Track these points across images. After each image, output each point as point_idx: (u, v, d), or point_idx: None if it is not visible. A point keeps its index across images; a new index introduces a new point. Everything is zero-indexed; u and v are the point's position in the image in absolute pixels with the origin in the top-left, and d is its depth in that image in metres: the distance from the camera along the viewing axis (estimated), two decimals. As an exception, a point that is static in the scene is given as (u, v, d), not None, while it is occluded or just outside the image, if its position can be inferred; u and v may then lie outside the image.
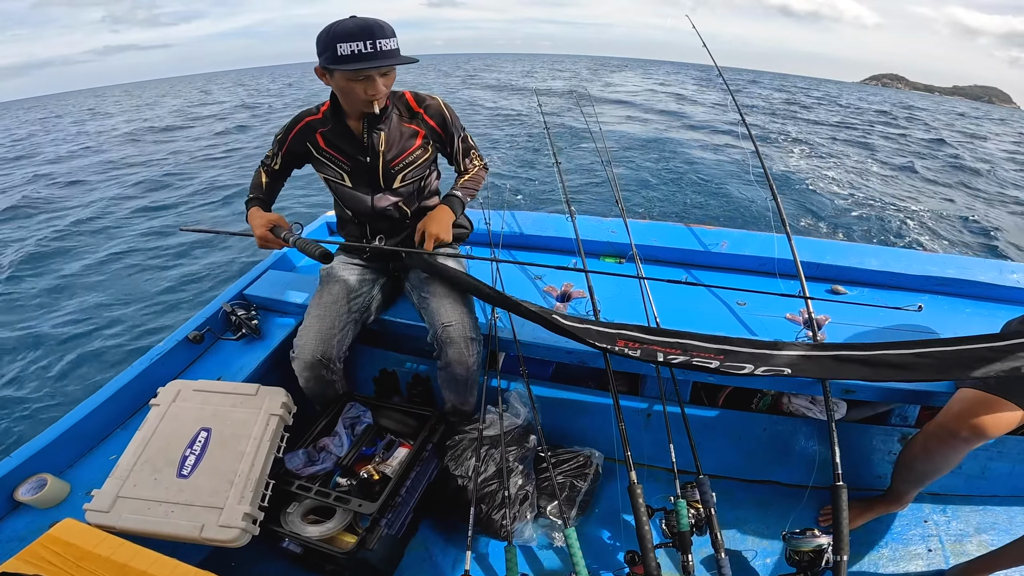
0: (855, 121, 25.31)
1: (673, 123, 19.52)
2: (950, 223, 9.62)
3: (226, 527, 1.30)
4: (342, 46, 1.45)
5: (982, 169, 14.84)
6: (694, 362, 1.41)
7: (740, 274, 2.27)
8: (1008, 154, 18.99)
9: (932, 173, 13.83)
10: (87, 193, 11.05)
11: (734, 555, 1.68)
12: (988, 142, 22.35)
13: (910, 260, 2.22)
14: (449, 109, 1.80)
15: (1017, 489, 1.86)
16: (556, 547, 1.71)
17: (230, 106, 26.62)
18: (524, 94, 28.33)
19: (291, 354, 1.73)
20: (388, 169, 1.75)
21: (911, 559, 1.69)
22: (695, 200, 9.69)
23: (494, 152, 13.55)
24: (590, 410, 1.96)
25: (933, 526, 1.78)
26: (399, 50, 1.53)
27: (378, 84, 1.53)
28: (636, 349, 1.45)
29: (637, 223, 2.47)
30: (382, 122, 1.69)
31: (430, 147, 1.80)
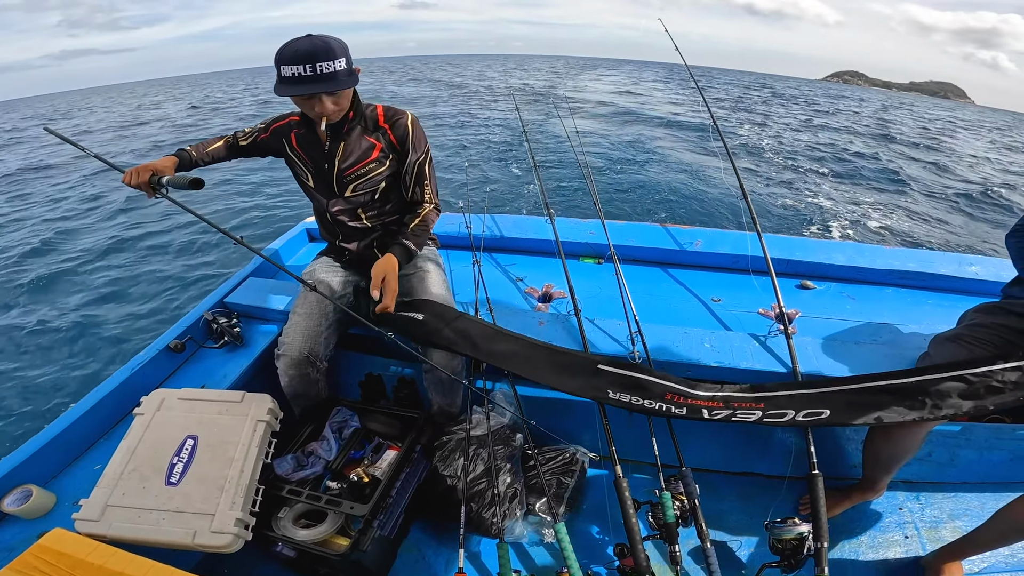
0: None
1: (646, 122, 19.88)
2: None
3: (219, 533, 1.29)
4: (284, 68, 1.50)
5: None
6: (737, 415, 1.42)
7: (714, 271, 2.33)
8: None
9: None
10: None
11: (720, 545, 1.72)
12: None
13: (874, 255, 2.31)
14: (416, 129, 1.79)
15: (986, 475, 1.92)
16: (547, 543, 1.73)
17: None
18: (500, 96, 28.40)
19: (276, 352, 1.74)
20: (342, 178, 1.78)
21: (889, 546, 1.73)
22: (669, 199, 9.91)
23: (468, 151, 13.60)
24: (574, 408, 1.98)
25: (908, 513, 1.83)
26: (346, 70, 1.55)
27: (325, 104, 1.57)
28: (682, 406, 1.48)
29: (615, 224, 2.53)
30: (344, 133, 1.73)
31: (387, 162, 1.79)
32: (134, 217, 9.32)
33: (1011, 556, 1.65)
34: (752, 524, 1.77)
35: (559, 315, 1.96)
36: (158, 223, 8.83)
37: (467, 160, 12.82)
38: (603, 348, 1.79)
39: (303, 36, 1.53)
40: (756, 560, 1.67)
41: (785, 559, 1.47)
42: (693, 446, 1.87)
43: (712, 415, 1.43)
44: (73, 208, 10.36)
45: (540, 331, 1.88)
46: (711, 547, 1.47)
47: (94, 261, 7.40)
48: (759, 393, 1.45)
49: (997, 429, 1.91)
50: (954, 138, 25.46)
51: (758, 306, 2.05)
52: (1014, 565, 1.63)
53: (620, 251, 2.32)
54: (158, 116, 26.99)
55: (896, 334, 1.93)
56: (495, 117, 20.41)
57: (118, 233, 8.49)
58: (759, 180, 12.07)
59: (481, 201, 9.05)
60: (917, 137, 22.89)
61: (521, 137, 2.77)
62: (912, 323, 1.99)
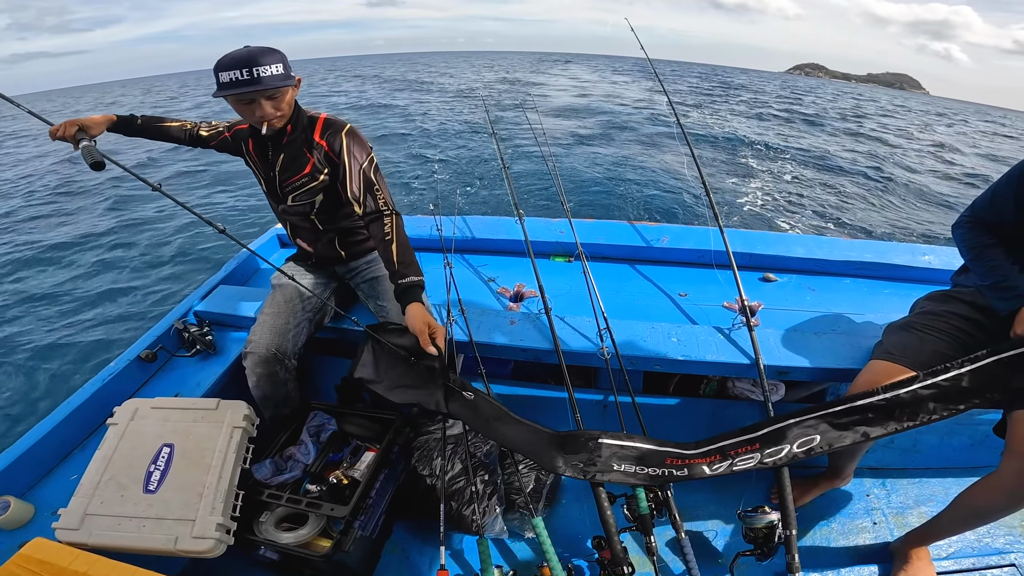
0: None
1: (613, 119, 20.10)
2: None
3: (200, 538, 1.30)
4: (222, 74, 1.55)
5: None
6: (737, 463, 1.43)
7: (681, 267, 2.41)
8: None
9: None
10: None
11: (695, 536, 1.76)
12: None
13: (832, 247, 2.42)
14: (352, 140, 1.76)
15: (948, 460, 1.98)
16: (527, 538, 1.76)
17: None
18: (470, 96, 28.35)
19: (243, 352, 1.75)
20: (282, 187, 1.82)
21: (859, 533, 1.77)
22: (636, 195, 10.08)
23: (438, 153, 13.59)
24: (548, 405, 2.03)
25: (875, 500, 1.88)
26: (283, 75, 1.59)
27: (264, 108, 1.61)
28: (683, 467, 1.47)
29: (584, 222, 2.59)
30: (284, 144, 1.77)
31: (320, 176, 1.79)
32: (88, 226, 9.10)
33: (976, 541, 1.72)
34: (726, 514, 1.81)
35: (530, 314, 2.00)
36: (119, 231, 8.64)
37: (437, 162, 12.81)
38: (573, 345, 1.84)
39: (242, 48, 1.59)
40: (731, 550, 1.72)
41: (758, 547, 1.50)
42: (665, 437, 1.93)
43: (714, 470, 1.44)
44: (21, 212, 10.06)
45: (512, 331, 1.92)
46: (685, 537, 1.51)
47: (52, 272, 7.20)
48: (751, 435, 1.47)
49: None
50: (925, 131, 26.49)
51: (723, 299, 2.13)
52: (980, 550, 1.69)
53: (589, 249, 2.38)
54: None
55: (853, 324, 2.02)
56: (464, 118, 20.37)
57: (77, 242, 8.28)
58: (723, 174, 12.32)
59: (452, 203, 9.10)
60: (877, 128, 23.68)
61: (490, 138, 2.80)
62: (869, 312, 2.08)
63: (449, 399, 1.64)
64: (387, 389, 1.68)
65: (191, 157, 13.63)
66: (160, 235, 8.32)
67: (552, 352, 1.80)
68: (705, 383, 2.22)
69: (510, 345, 1.88)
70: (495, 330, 1.91)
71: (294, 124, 1.75)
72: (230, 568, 1.58)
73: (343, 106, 25.79)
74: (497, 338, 1.89)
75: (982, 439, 1.92)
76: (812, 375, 1.82)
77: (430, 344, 1.61)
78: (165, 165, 13.79)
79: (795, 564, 1.44)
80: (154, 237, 8.23)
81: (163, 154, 14.42)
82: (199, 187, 11.33)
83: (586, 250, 2.32)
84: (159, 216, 9.23)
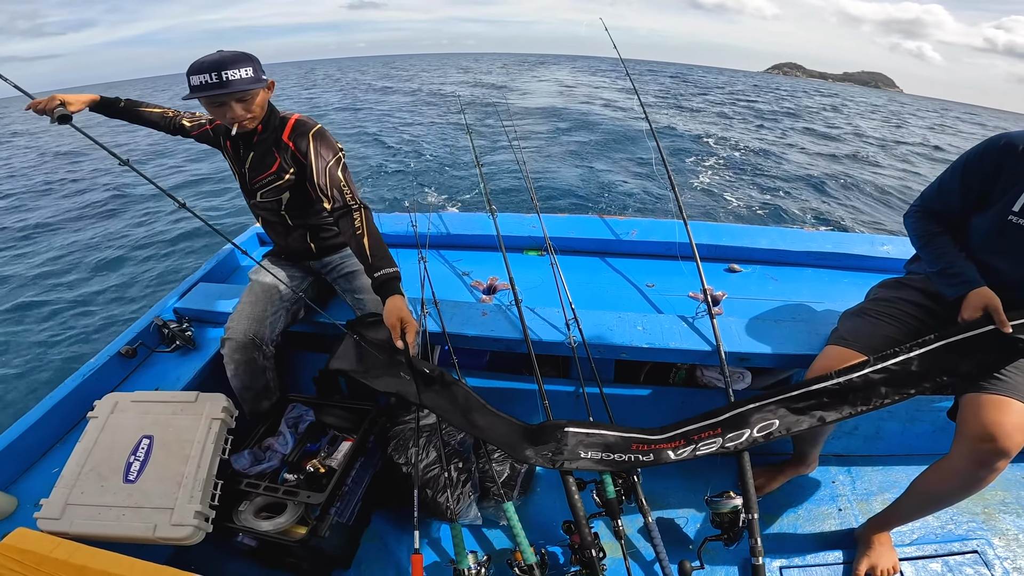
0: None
1: (586, 118, 20.31)
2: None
3: (179, 525, 1.34)
4: (193, 78, 1.61)
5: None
6: (700, 448, 1.47)
7: (649, 259, 2.48)
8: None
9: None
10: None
11: (666, 522, 1.81)
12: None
13: (794, 238, 2.50)
14: (319, 141, 1.80)
15: (910, 447, 2.05)
16: (502, 525, 1.81)
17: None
18: (447, 97, 28.38)
19: (221, 340, 1.80)
20: (252, 184, 1.88)
21: (825, 519, 1.82)
22: (607, 191, 10.32)
23: (414, 151, 13.63)
24: (522, 396, 2.09)
25: (841, 487, 1.93)
26: (253, 78, 1.66)
27: (235, 110, 1.67)
28: (648, 453, 1.52)
29: (555, 217, 2.65)
30: (254, 144, 1.83)
31: (286, 176, 1.84)
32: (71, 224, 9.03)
33: (940, 528, 1.78)
34: (696, 501, 1.86)
35: (501, 306, 2.06)
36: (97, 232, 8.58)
37: (412, 161, 12.88)
38: (542, 335, 1.90)
39: (215, 52, 1.65)
40: (701, 535, 1.76)
41: (725, 532, 1.55)
42: (636, 425, 1.99)
43: (679, 454, 1.48)
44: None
45: (484, 322, 1.98)
46: (653, 522, 1.56)
47: (32, 270, 7.15)
48: (713, 420, 1.52)
49: (916, 400, 2.03)
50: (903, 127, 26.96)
51: (688, 290, 2.20)
52: (943, 536, 1.75)
53: (560, 243, 2.45)
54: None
55: (813, 312, 2.09)
56: (440, 118, 20.52)
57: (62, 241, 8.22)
58: (689, 170, 12.60)
59: (427, 200, 9.16)
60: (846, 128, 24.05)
61: (466, 137, 2.86)
62: (828, 301, 2.15)
63: (425, 389, 1.69)
64: (366, 377, 1.73)
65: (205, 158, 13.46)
66: (136, 236, 8.29)
67: (522, 342, 1.86)
68: (674, 372, 2.29)
69: (482, 336, 1.93)
70: (468, 322, 1.97)
71: (265, 125, 1.80)
72: (213, 557, 1.62)
73: (324, 107, 25.73)
74: (470, 329, 1.95)
75: (943, 425, 1.98)
76: (772, 361, 1.89)
77: (399, 339, 1.65)
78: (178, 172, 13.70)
79: (758, 548, 1.49)
80: (131, 239, 8.20)
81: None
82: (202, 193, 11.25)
83: (558, 244, 2.39)
84: (139, 216, 9.21)
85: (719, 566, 1.66)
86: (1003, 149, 1.38)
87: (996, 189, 1.41)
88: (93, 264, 7.31)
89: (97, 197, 11.05)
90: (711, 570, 1.64)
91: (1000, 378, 1.37)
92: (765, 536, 1.74)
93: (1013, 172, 1.37)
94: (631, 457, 1.52)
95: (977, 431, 1.32)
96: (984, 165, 1.42)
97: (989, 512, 1.82)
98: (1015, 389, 1.35)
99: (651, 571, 1.65)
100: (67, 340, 5.33)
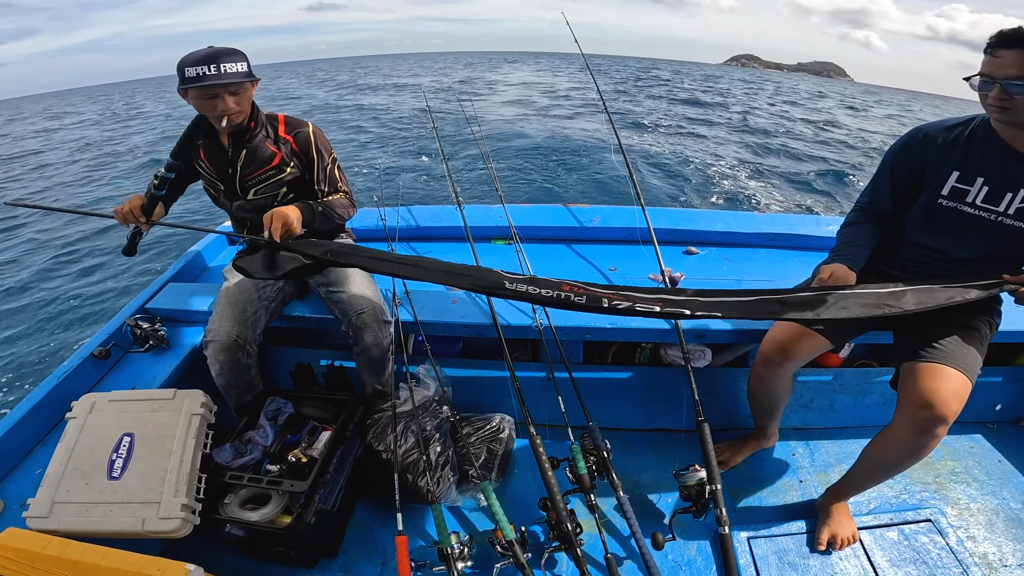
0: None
1: (550, 112, 20.56)
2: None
3: (167, 518, 1.38)
4: (187, 70, 1.65)
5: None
6: (637, 307, 1.39)
7: (612, 244, 2.58)
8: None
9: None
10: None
11: (639, 498, 1.88)
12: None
13: (747, 221, 2.63)
14: (317, 137, 1.91)
15: (862, 419, 2.15)
16: (482, 507, 1.86)
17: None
18: (414, 95, 28.24)
19: (204, 342, 1.81)
20: (244, 182, 1.90)
21: (787, 491, 1.91)
22: (570, 181, 10.56)
23: (383, 150, 13.60)
24: (495, 380, 2.16)
25: (801, 459, 2.02)
26: (247, 72, 1.72)
27: (227, 101, 1.71)
28: (581, 295, 1.42)
29: (521, 207, 2.72)
30: (247, 140, 1.85)
31: (288, 168, 1.90)
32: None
33: (894, 497, 1.87)
34: (667, 476, 1.88)
35: (470, 293, 2.13)
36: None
37: (380, 156, 12.87)
38: (510, 320, 1.98)
39: (206, 47, 1.67)
40: (672, 508, 1.84)
41: (694, 504, 1.62)
42: (608, 407, 2.06)
43: (612, 304, 1.39)
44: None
45: (454, 309, 2.05)
46: (624, 496, 1.63)
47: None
48: (657, 295, 1.43)
49: (866, 373, 2.17)
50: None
51: (649, 272, 2.30)
52: (898, 506, 1.84)
53: (527, 231, 2.53)
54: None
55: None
56: (407, 115, 20.48)
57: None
58: (650, 160, 12.90)
59: (395, 194, 9.21)
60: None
61: (432, 132, 2.90)
62: (778, 279, 2.26)
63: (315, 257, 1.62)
64: (271, 274, 1.67)
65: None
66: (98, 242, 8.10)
67: (491, 327, 1.93)
68: (639, 351, 2.39)
69: (453, 322, 2.00)
70: (439, 310, 2.03)
71: (257, 121, 1.84)
72: (203, 550, 1.63)
73: (289, 110, 25.38)
74: (441, 317, 2.01)
75: (892, 397, 2.11)
76: (729, 337, 2.00)
77: (267, 226, 1.63)
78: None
79: (723, 518, 1.58)
80: (94, 246, 8.02)
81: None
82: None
83: (524, 233, 2.46)
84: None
85: (691, 540, 1.73)
86: (923, 142, 1.51)
87: (925, 178, 1.53)
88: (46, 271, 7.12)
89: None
90: (683, 543, 1.72)
91: (936, 347, 1.47)
92: (733, 510, 1.84)
93: (936, 161, 1.49)
94: (560, 295, 1.42)
95: (915, 399, 1.42)
96: (909, 159, 1.54)
97: (940, 482, 1.94)
98: (950, 357, 1.45)
99: (627, 545, 1.72)
100: (32, 350, 5.21)
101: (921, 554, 1.69)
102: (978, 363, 1.49)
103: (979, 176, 1.43)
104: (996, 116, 1.33)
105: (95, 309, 5.99)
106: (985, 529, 1.78)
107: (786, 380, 1.74)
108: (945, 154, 1.47)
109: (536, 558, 1.62)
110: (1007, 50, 1.22)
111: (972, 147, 1.44)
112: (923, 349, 1.49)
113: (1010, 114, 1.28)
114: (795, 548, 1.72)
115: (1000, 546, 1.72)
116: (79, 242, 8.19)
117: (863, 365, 2.31)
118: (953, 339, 1.49)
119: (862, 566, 1.66)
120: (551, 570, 1.67)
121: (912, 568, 1.65)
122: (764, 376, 1.74)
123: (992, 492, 1.91)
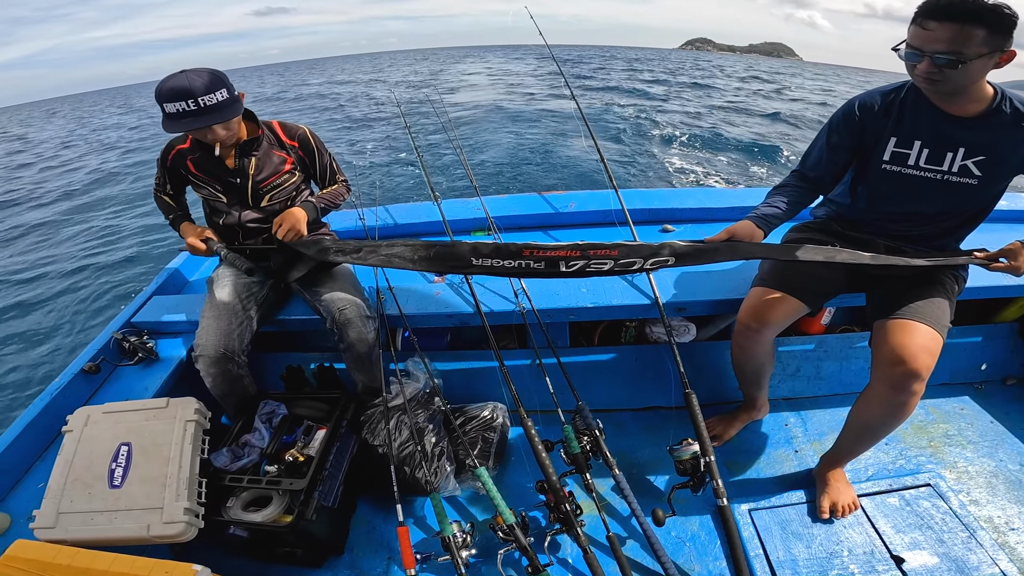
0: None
1: (517, 103, 20.76)
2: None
3: (171, 523, 1.40)
4: (167, 106, 1.62)
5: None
6: (592, 264, 1.48)
7: (589, 228, 2.63)
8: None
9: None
10: None
11: (636, 476, 1.92)
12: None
13: (718, 197, 2.70)
14: (315, 138, 2.03)
15: (849, 385, 2.18)
16: (480, 495, 1.88)
17: None
18: (378, 104, 28.19)
19: (193, 356, 1.83)
20: (257, 189, 1.93)
21: (783, 461, 1.93)
22: (543, 169, 10.78)
23: (360, 153, 13.62)
24: (485, 371, 2.19)
25: (793, 429, 2.05)
26: (229, 99, 1.69)
27: (217, 132, 1.71)
28: (540, 260, 1.50)
29: (497, 198, 2.77)
30: (254, 149, 1.89)
31: (298, 172, 2.00)
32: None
33: (891, 463, 1.90)
34: (661, 454, 1.90)
35: (453, 285, 2.17)
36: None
37: (355, 157, 12.86)
38: (494, 307, 2.02)
39: (179, 72, 1.64)
40: (667, 484, 1.88)
41: (691, 479, 1.63)
42: (599, 389, 2.11)
43: (569, 266, 1.48)
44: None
45: (438, 301, 2.09)
46: (620, 474, 1.66)
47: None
48: (613, 243, 1.51)
49: (848, 338, 2.22)
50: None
51: None
52: (896, 471, 1.86)
53: (504, 221, 2.58)
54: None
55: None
56: (376, 116, 20.47)
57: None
58: (626, 144, 13.09)
59: (372, 195, 9.24)
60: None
61: (405, 132, 2.92)
62: None
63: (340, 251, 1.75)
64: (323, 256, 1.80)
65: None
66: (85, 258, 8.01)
67: (476, 315, 1.97)
68: (624, 330, 2.44)
69: (437, 313, 2.03)
70: (423, 303, 2.07)
71: (260, 129, 1.90)
72: (209, 554, 1.65)
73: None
74: (425, 309, 2.05)
75: None
76: (707, 308, 2.04)
77: (276, 227, 1.86)
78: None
79: (720, 489, 1.60)
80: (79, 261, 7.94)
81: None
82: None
83: (501, 223, 2.51)
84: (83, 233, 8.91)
85: (692, 516, 1.76)
86: (861, 110, 1.57)
87: (866, 145, 1.59)
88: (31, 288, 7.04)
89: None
90: (683, 518, 1.75)
91: (905, 304, 1.52)
92: (731, 483, 1.88)
93: (875, 129, 1.55)
94: (522, 263, 1.52)
95: (887, 355, 1.46)
96: (850, 127, 1.60)
97: (936, 446, 1.96)
98: (919, 312, 1.50)
99: (628, 524, 1.75)
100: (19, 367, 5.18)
101: (925, 519, 1.69)
102: (946, 316, 1.53)
103: (916, 139, 1.49)
104: (926, 87, 1.38)
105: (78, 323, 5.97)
106: (987, 492, 1.79)
107: (767, 347, 1.77)
108: (882, 121, 1.53)
109: (539, 542, 1.65)
110: (936, 22, 1.24)
111: (905, 112, 1.50)
112: (892, 306, 1.53)
113: (939, 85, 1.33)
114: (797, 518, 1.73)
115: (1004, 509, 1.73)
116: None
117: (845, 331, 2.35)
118: (921, 295, 1.54)
119: (867, 533, 1.67)
120: (554, 553, 1.69)
121: (918, 533, 1.65)
122: (745, 345, 1.76)
123: (988, 454, 1.92)
